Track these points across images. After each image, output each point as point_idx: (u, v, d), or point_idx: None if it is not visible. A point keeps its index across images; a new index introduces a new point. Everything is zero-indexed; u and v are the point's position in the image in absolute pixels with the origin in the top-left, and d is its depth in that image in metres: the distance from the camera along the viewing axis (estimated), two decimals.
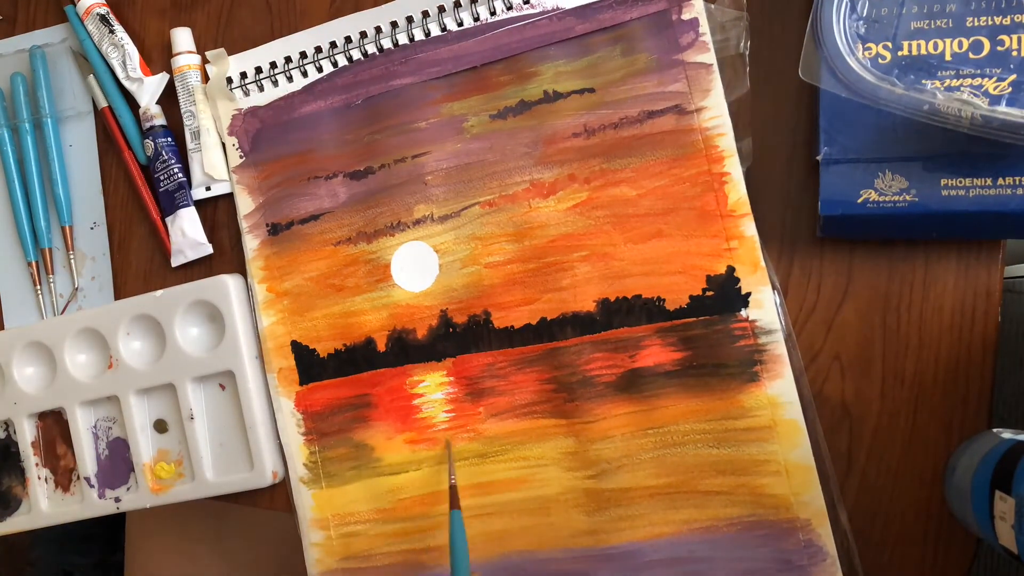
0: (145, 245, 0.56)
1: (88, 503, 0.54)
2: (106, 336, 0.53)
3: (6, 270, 0.58)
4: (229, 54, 0.53)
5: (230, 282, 0.52)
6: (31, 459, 0.55)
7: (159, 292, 0.52)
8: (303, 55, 0.51)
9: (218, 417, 0.53)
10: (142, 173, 0.55)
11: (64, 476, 0.55)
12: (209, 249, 0.53)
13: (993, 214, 0.41)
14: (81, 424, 0.54)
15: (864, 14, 0.41)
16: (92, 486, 0.54)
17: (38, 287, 0.57)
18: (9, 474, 0.56)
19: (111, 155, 0.56)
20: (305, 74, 0.51)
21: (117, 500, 0.54)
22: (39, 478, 0.55)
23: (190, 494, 0.53)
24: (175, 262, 0.54)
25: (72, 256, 0.56)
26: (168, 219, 0.54)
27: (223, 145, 0.53)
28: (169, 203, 0.53)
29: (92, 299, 0.56)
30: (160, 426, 0.53)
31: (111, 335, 0.53)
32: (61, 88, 0.57)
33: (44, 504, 0.55)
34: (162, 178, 0.53)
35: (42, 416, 0.56)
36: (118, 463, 0.54)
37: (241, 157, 0.52)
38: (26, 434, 0.55)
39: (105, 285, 0.56)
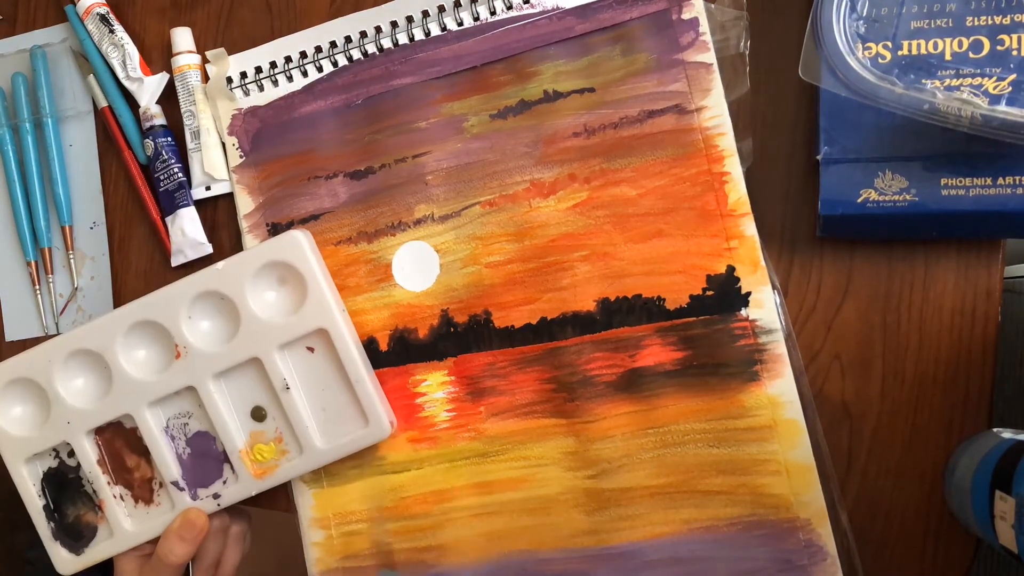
0: (145, 245, 0.56)
1: (182, 508, 0.49)
2: (166, 325, 0.48)
3: (5, 270, 0.58)
4: (229, 54, 0.53)
5: (302, 237, 0.48)
6: (101, 479, 0.50)
7: (220, 264, 0.48)
8: (303, 55, 0.51)
9: (313, 381, 0.49)
10: (142, 173, 0.55)
11: (143, 488, 0.50)
12: (209, 249, 0.53)
13: (993, 214, 0.41)
14: (154, 427, 0.49)
15: (864, 14, 0.41)
16: (182, 489, 0.49)
17: (37, 287, 0.57)
18: (73, 503, 0.51)
19: (111, 155, 0.56)
20: (305, 74, 0.51)
21: (216, 496, 0.49)
22: (115, 497, 0.50)
23: (302, 467, 0.49)
24: (175, 262, 0.54)
25: (72, 256, 0.56)
26: (168, 219, 0.54)
27: (223, 145, 0.53)
28: (169, 203, 0.53)
29: (92, 299, 0.56)
30: (258, 414, 0.49)
31: (172, 322, 0.48)
32: (61, 88, 0.57)
33: (127, 523, 0.50)
34: (162, 178, 0.53)
35: (99, 430, 0.50)
36: (204, 459, 0.50)
37: (241, 157, 0.52)
38: (88, 453, 0.50)
39: (104, 285, 0.56)
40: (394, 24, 0.50)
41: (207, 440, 0.50)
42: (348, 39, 0.51)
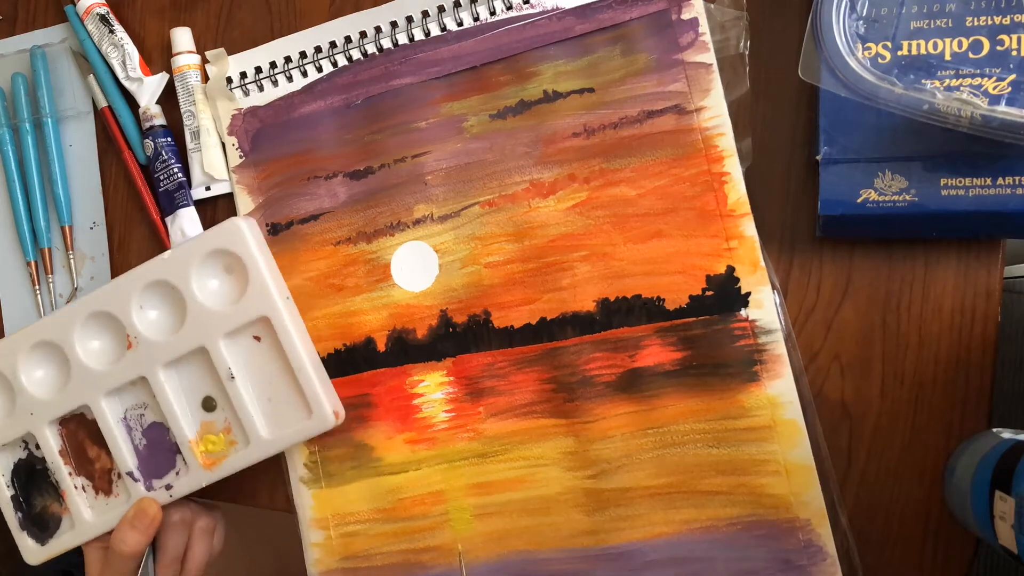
0: (145, 245, 0.55)
1: (137, 499, 0.50)
2: (118, 315, 0.49)
3: (5, 270, 0.58)
4: (229, 54, 0.53)
5: (243, 224, 0.49)
6: (63, 470, 0.51)
7: (165, 254, 0.49)
8: (303, 55, 0.51)
9: (260, 371, 0.49)
10: (142, 173, 0.55)
11: (103, 479, 0.51)
12: None
13: (993, 214, 0.41)
14: (110, 417, 0.50)
15: (864, 14, 0.41)
16: (137, 480, 0.50)
17: (37, 287, 0.57)
18: (41, 494, 0.52)
19: (111, 155, 0.56)
20: (305, 74, 0.51)
21: (168, 487, 0.50)
22: (76, 488, 0.51)
23: (248, 459, 0.49)
24: None
25: (72, 256, 0.56)
26: (168, 219, 0.54)
27: (223, 145, 0.53)
28: (169, 203, 0.53)
29: None
30: (208, 404, 0.50)
31: (123, 312, 0.49)
32: (61, 88, 0.57)
33: (87, 514, 0.51)
34: (162, 178, 0.53)
35: (63, 421, 0.51)
36: (159, 450, 0.50)
37: (241, 157, 0.52)
38: (51, 444, 0.51)
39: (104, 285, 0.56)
40: (394, 24, 0.50)
41: (161, 431, 0.50)
42: (348, 39, 0.51)
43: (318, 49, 0.51)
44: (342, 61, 0.51)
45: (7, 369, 0.51)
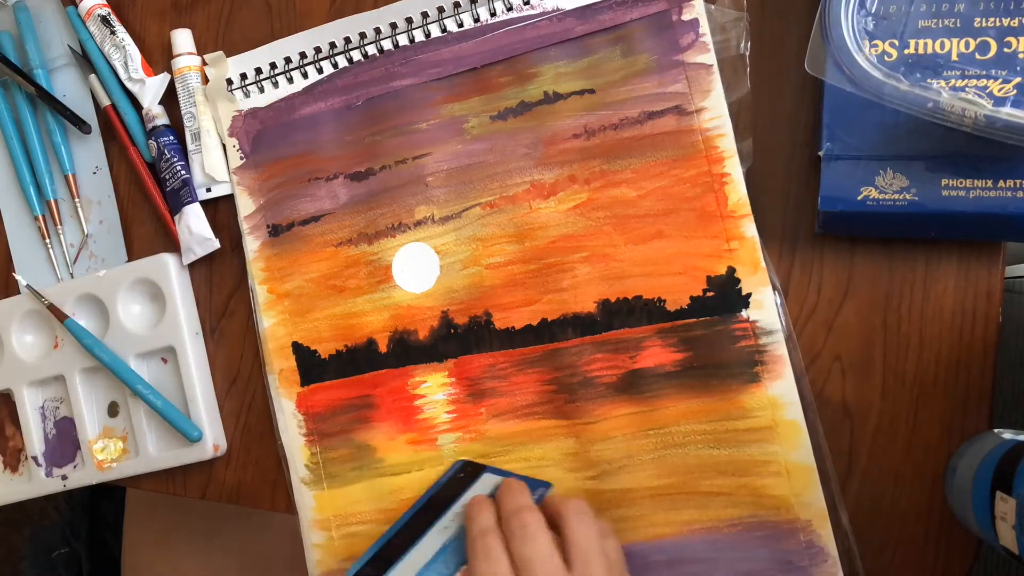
0: (157, 242, 0.56)
1: (36, 482, 0.56)
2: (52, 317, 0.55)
3: (14, 229, 0.58)
4: (229, 55, 0.53)
5: (170, 260, 0.53)
6: None
7: (102, 272, 0.54)
8: (303, 56, 0.51)
9: (161, 391, 0.53)
10: (150, 172, 0.55)
11: (12, 457, 0.57)
12: (216, 244, 0.53)
13: (993, 216, 0.41)
14: (28, 404, 0.56)
15: (873, 10, 0.41)
16: (40, 465, 0.56)
17: (48, 240, 0.57)
18: None
19: (117, 153, 0.56)
20: (305, 75, 0.51)
21: (64, 478, 0.55)
22: None
23: (134, 469, 0.54)
24: (185, 260, 0.54)
25: (78, 203, 0.56)
26: (176, 217, 0.54)
27: (223, 146, 0.53)
28: (175, 202, 0.54)
29: (102, 243, 0.56)
30: (113, 409, 0.55)
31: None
32: (48, 40, 0.57)
33: None
34: (167, 177, 0.54)
35: None
36: (65, 442, 0.56)
37: (241, 158, 0.52)
38: None
39: (114, 227, 0.56)
40: (394, 26, 0.50)
41: (70, 426, 0.56)
42: (348, 40, 0.51)
43: (318, 50, 0.51)
44: (342, 62, 0.51)
45: None
